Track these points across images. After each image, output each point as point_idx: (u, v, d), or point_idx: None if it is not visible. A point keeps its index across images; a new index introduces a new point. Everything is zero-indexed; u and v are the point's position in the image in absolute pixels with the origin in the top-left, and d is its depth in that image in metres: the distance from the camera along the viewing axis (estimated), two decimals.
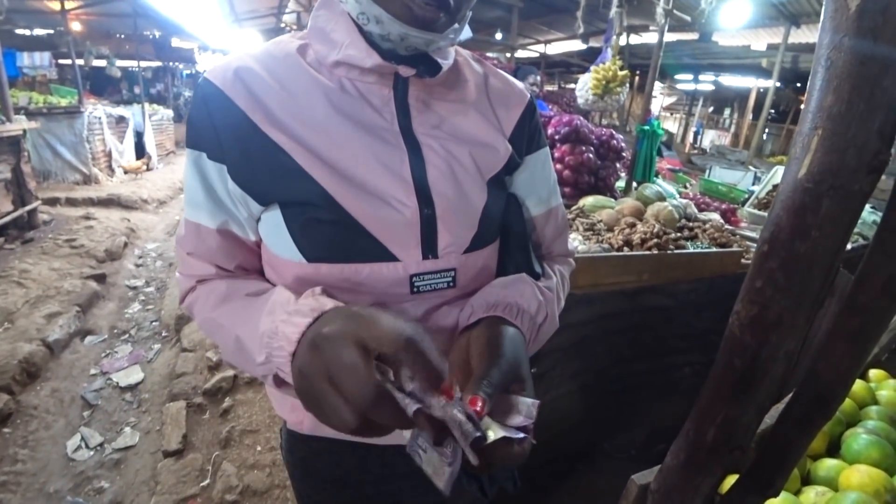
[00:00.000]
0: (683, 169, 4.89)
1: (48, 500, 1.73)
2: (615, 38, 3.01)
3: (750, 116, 10.25)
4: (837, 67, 0.32)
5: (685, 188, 3.15)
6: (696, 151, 9.77)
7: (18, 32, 8.36)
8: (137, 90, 9.42)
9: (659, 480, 0.53)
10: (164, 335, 2.90)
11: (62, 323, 2.70)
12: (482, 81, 0.64)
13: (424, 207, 0.54)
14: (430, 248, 0.55)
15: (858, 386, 1.03)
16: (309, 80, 0.54)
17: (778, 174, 2.85)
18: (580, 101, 3.13)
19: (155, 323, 3.05)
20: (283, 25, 8.21)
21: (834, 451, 0.91)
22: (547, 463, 1.57)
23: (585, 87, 3.01)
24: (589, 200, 1.96)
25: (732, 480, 0.53)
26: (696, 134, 13.89)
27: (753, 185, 3.69)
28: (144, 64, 9.90)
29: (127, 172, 6.47)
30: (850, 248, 1.85)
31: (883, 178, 0.34)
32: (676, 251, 1.60)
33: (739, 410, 0.42)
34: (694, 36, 6.90)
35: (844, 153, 0.32)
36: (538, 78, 3.49)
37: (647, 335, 1.66)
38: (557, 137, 2.12)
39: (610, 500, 0.66)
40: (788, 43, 5.93)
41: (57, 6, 6.59)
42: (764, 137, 11.02)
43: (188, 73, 13.07)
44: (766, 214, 0.40)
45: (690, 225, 1.85)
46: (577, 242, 1.60)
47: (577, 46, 8.11)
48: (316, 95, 0.53)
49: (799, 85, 9.98)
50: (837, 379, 0.43)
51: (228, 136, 0.51)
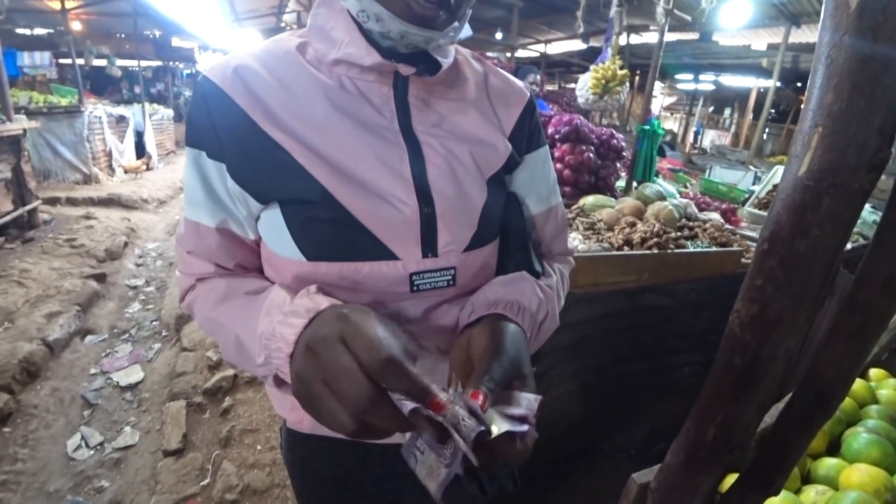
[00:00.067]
0: (684, 169, 4.88)
1: (48, 499, 1.73)
2: (615, 37, 3.01)
3: (750, 116, 10.25)
4: (838, 65, 0.32)
5: (685, 188, 3.14)
6: (696, 151, 9.76)
7: (19, 32, 8.36)
8: (138, 90, 9.44)
9: (659, 479, 0.53)
10: (164, 334, 2.90)
11: (62, 322, 2.70)
12: (482, 80, 0.64)
13: (424, 206, 0.54)
14: (429, 246, 0.55)
15: (858, 385, 1.03)
16: (308, 78, 0.54)
17: (778, 174, 2.84)
18: (580, 100, 3.13)
19: (155, 322, 3.05)
20: (283, 25, 8.19)
21: (834, 450, 0.91)
22: (547, 462, 1.57)
23: (585, 86, 3.02)
24: (589, 200, 1.96)
25: (732, 479, 0.53)
26: (696, 134, 13.87)
27: (753, 184, 3.69)
28: (145, 63, 9.90)
29: (127, 172, 6.47)
30: (850, 247, 1.85)
31: (883, 177, 0.34)
32: (676, 251, 1.60)
33: (739, 409, 0.42)
34: (694, 36, 6.89)
35: (845, 151, 0.32)
36: (538, 77, 3.48)
37: (647, 334, 1.66)
38: (558, 137, 2.12)
39: (610, 499, 0.66)
40: (789, 43, 5.92)
41: (57, 6, 6.59)
42: (764, 137, 11.01)
43: (188, 72, 13.06)
44: (766, 214, 0.40)
45: (690, 224, 1.85)
46: (577, 242, 1.60)
47: (577, 46, 8.10)
48: (315, 94, 0.53)
49: (799, 85, 9.98)
50: (838, 378, 0.43)
51: (228, 134, 0.51)
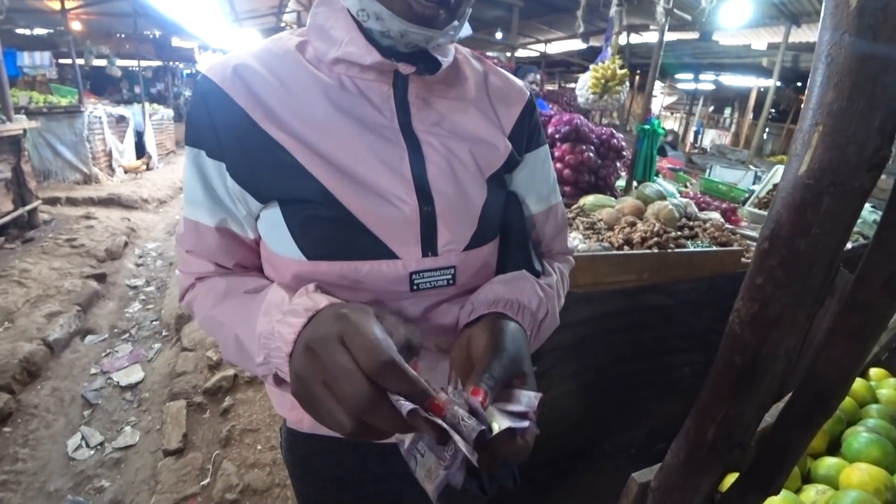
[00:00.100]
0: (684, 168, 4.87)
1: (48, 498, 1.73)
2: (615, 37, 3.01)
3: (750, 116, 10.23)
4: (838, 64, 0.32)
5: (685, 187, 3.14)
6: (696, 151, 9.76)
7: (19, 32, 8.36)
8: (138, 90, 9.44)
9: (659, 479, 0.53)
10: (164, 334, 2.90)
11: (62, 322, 2.70)
12: (482, 79, 0.64)
13: (424, 205, 0.54)
14: (429, 245, 0.55)
15: (859, 384, 1.03)
16: (308, 77, 0.53)
17: (778, 173, 2.84)
18: (580, 100, 3.13)
19: (155, 322, 3.05)
20: (283, 25, 8.19)
21: (834, 449, 0.91)
22: (547, 462, 1.57)
23: (585, 86, 3.01)
24: (589, 199, 1.96)
25: (733, 479, 0.53)
26: (696, 133, 13.85)
27: (754, 184, 3.68)
28: (144, 63, 9.90)
29: (127, 172, 6.47)
30: (850, 247, 1.85)
31: (883, 177, 0.34)
32: (677, 250, 1.60)
33: (740, 409, 0.42)
34: (694, 35, 6.88)
35: (845, 150, 0.32)
36: (538, 77, 3.48)
37: (647, 334, 1.66)
38: (558, 136, 2.12)
39: (610, 499, 0.66)
40: (789, 42, 5.91)
41: (57, 6, 6.59)
42: (764, 137, 10.99)
43: (188, 72, 13.06)
44: (766, 213, 0.40)
45: (691, 224, 1.85)
46: (577, 241, 1.60)
47: (577, 46, 8.09)
48: (315, 93, 0.53)
49: (799, 84, 9.96)
50: (838, 377, 0.43)
51: (227, 133, 0.51)
